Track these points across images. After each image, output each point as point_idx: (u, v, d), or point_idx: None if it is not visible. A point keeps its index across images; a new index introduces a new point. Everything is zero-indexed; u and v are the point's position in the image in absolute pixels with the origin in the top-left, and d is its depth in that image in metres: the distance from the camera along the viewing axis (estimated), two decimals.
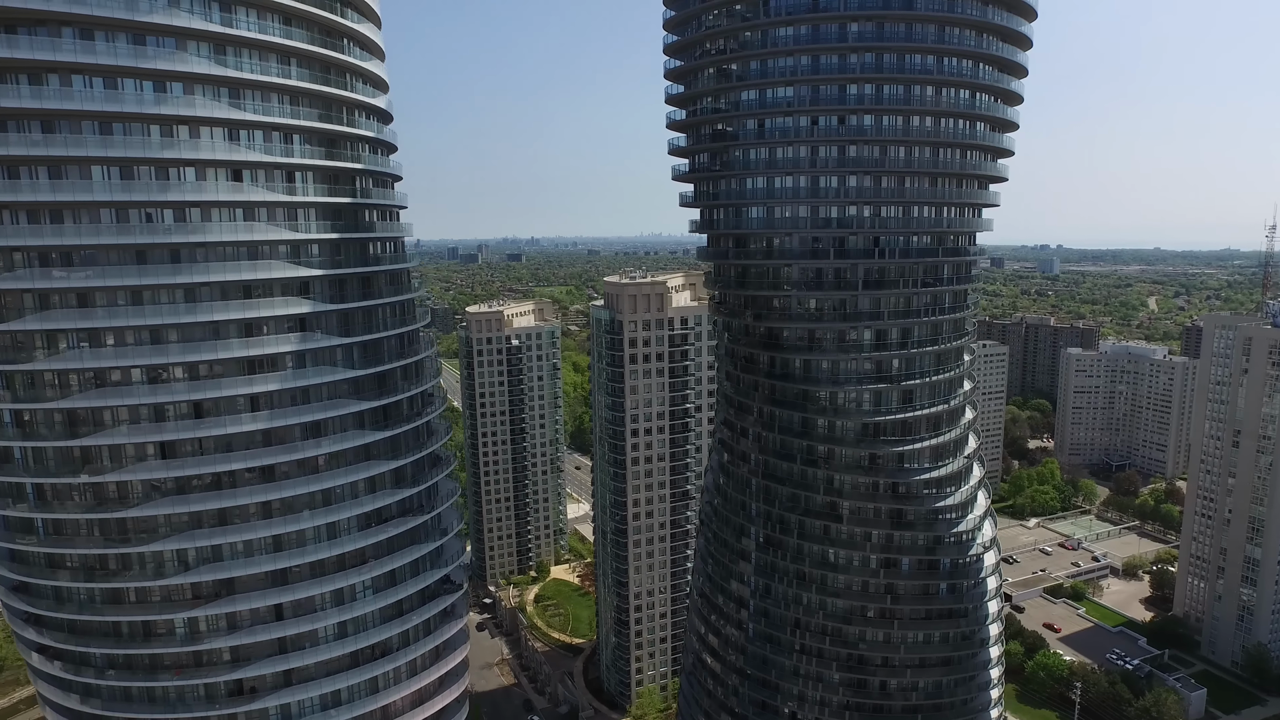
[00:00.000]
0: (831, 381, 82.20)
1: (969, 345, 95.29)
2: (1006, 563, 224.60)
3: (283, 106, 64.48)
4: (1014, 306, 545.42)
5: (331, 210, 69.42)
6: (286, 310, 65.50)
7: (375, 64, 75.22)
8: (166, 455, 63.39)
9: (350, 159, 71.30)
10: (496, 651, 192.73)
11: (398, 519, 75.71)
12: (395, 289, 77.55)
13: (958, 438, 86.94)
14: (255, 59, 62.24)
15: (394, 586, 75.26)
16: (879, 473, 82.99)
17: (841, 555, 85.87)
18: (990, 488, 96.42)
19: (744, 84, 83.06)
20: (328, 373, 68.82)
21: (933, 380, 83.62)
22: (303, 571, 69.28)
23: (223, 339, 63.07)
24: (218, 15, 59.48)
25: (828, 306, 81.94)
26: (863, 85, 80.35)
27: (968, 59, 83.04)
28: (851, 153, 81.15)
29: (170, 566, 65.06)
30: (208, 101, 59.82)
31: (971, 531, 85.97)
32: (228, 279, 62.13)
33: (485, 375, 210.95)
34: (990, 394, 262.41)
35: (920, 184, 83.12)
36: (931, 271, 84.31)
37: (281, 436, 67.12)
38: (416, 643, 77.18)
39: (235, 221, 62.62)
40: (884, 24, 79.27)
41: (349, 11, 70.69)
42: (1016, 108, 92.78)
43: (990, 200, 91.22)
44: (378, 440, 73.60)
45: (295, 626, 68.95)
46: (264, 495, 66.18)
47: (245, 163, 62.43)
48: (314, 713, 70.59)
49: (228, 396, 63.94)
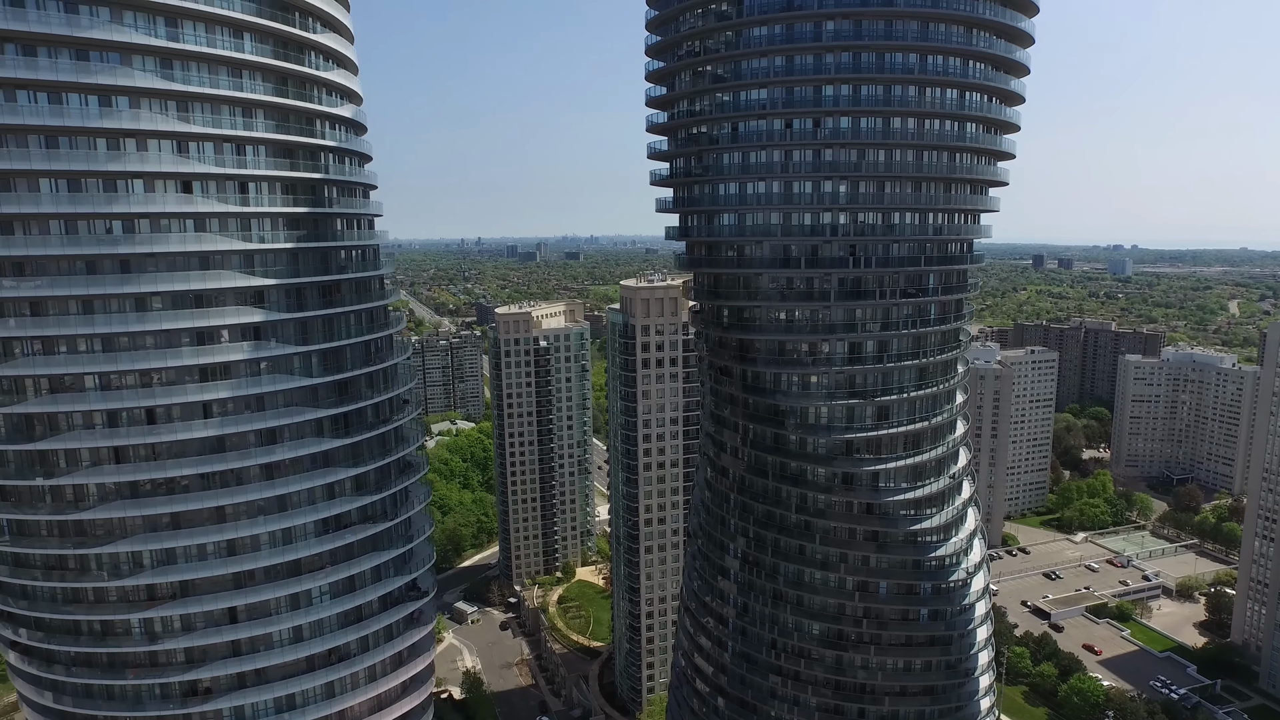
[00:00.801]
0: (802, 396, 79.17)
1: (963, 357, 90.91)
2: (1048, 579, 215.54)
3: (235, 118, 65.27)
4: (1079, 309, 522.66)
5: (289, 220, 70.16)
6: (238, 319, 66.28)
7: (341, 74, 75.72)
8: (120, 460, 64.94)
9: (311, 169, 71.95)
10: (518, 651, 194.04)
11: (358, 525, 76.16)
12: (361, 297, 77.94)
13: (942, 455, 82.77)
14: (205, 72, 63.15)
15: (353, 592, 75.73)
16: (852, 492, 79.62)
17: (817, 576, 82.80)
18: (980, 505, 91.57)
19: (718, 86, 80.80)
20: (282, 380, 69.52)
21: (913, 395, 79.74)
22: (257, 575, 70.21)
23: (174, 347, 64.24)
24: (163, 30, 60.55)
25: (799, 318, 78.95)
26: (839, 86, 77.15)
27: (955, 56, 78.90)
28: (827, 157, 78.05)
29: (125, 568, 66.71)
30: (154, 115, 60.95)
31: (955, 555, 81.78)
32: (176, 289, 63.22)
33: (512, 376, 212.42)
34: (1038, 402, 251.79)
35: (902, 189, 79.37)
36: (915, 281, 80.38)
37: (235, 443, 68.05)
38: (376, 648, 77.54)
39: (185, 232, 63.70)
40: (862, 21, 75.94)
41: (310, 23, 71.18)
42: (1016, 108, 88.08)
43: (985, 205, 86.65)
44: (338, 447, 74.14)
45: (249, 629, 69.93)
46: (215, 500, 67.24)
47: (194, 174, 63.43)
48: (269, 715, 71.54)
49: (180, 403, 65.15)
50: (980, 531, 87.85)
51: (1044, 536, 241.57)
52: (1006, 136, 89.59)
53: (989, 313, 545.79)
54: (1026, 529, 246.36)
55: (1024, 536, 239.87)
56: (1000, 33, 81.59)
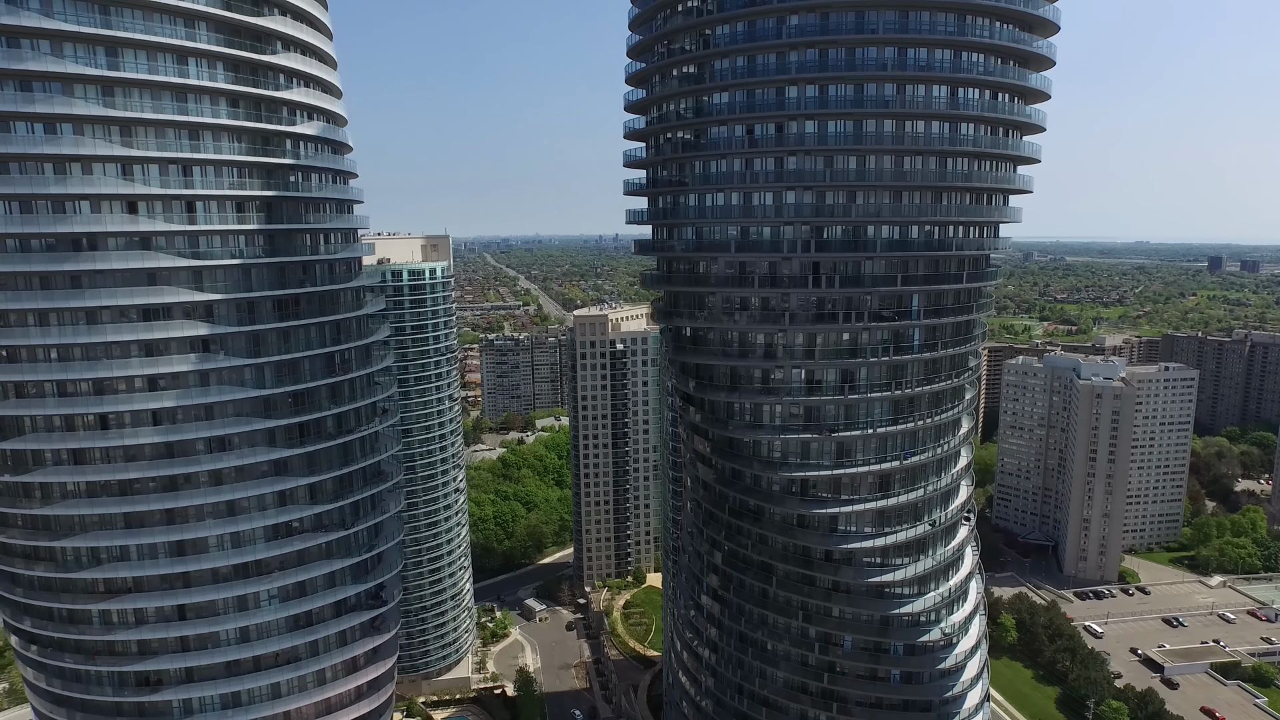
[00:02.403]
0: (754, 427, 73.04)
1: (970, 383, 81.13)
2: (1168, 625, 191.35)
3: (180, 140, 68.23)
4: (1260, 319, 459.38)
5: (242, 236, 72.59)
6: (183, 333, 69.41)
7: (305, 92, 77.44)
8: (79, 461, 69.75)
9: (265, 186, 74.05)
10: (578, 653, 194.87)
11: (311, 532, 78.08)
12: (325, 309, 79.64)
13: (920, 499, 73.97)
14: (148, 97, 66.32)
15: (303, 597, 77.80)
16: (807, 536, 72.62)
17: (780, 622, 76.45)
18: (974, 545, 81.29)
19: (684, 91, 76.10)
20: (230, 391, 72.23)
21: (881, 432, 71.63)
22: (205, 576, 73.49)
23: (123, 358, 68.19)
24: (104, 59, 64.11)
25: (754, 342, 72.85)
26: (803, 87, 70.53)
27: (944, 49, 70.32)
28: (790, 165, 71.61)
29: (84, 561, 71.59)
30: (96, 140, 64.69)
31: (932, 612, 72.99)
32: (121, 303, 66.96)
33: (588, 379, 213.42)
34: (1172, 424, 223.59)
35: (878, 199, 71.55)
36: (891, 302, 72.25)
37: (183, 449, 71.46)
38: (327, 653, 79.34)
39: (131, 250, 67.25)
40: (829, 14, 68.94)
41: (270, 45, 73.29)
42: (1038, 105, 77.59)
43: (996, 216, 76.90)
44: (293, 455, 76.28)
45: (195, 627, 73.42)
46: (162, 503, 70.93)
47: (138, 195, 66.91)
48: (214, 710, 74.85)
49: (130, 410, 69.13)
50: (977, 578, 78.05)
51: (1171, 576, 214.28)
52: (1024, 137, 79.32)
53: (1145, 320, 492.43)
54: (1151, 565, 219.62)
55: (1146, 574, 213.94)
56: (1005, 18, 71.81)
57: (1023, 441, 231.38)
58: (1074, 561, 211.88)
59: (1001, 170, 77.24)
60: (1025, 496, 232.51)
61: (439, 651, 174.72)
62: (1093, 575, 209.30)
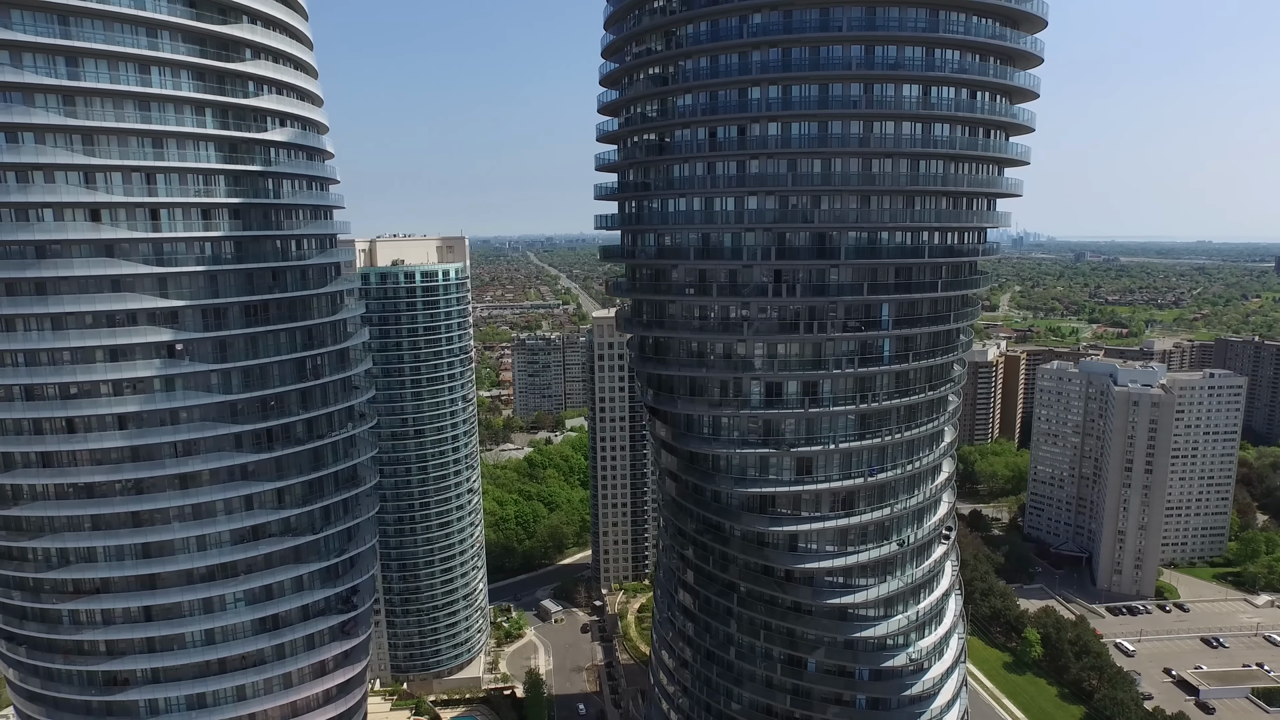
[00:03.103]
0: (713, 441, 70.77)
1: (954, 393, 77.69)
2: (1207, 645, 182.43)
3: (143, 148, 69.01)
4: None
5: (208, 244, 73.18)
6: (145, 339, 70.27)
7: (276, 99, 77.70)
8: (47, 464, 71.19)
9: (234, 193, 74.56)
10: (591, 656, 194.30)
11: (278, 536, 78.52)
12: (297, 315, 79.97)
13: (887, 518, 70.76)
14: (109, 106, 67.21)
15: (270, 600, 78.29)
16: (768, 554, 70.12)
17: (745, 641, 74.13)
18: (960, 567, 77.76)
19: (651, 92, 74.29)
20: (194, 396, 72.93)
21: (845, 447, 68.75)
22: (170, 578, 74.45)
23: (87, 363, 69.33)
24: (64, 69, 65.09)
25: (713, 352, 70.62)
26: (766, 88, 68.07)
27: (916, 46, 67.14)
28: (753, 169, 69.23)
29: (53, 561, 73.08)
30: (57, 150, 65.77)
31: (900, 635, 69.87)
32: (83, 309, 68.07)
33: (606, 380, 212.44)
34: (1217, 433, 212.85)
35: (843, 203, 68.75)
36: (858, 312, 69.32)
37: (148, 453, 72.40)
38: (294, 656, 79.77)
39: (94, 257, 68.26)
40: (792, 12, 66.35)
41: (237, 55, 73.68)
42: (1024, 105, 73.94)
43: (977, 221, 73.26)
44: (261, 460, 76.83)
45: (161, 628, 74.43)
46: (127, 506, 72.00)
47: (102, 203, 67.85)
48: (179, 710, 75.83)
49: (95, 415, 70.27)
50: (956, 596, 74.68)
51: (1214, 593, 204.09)
52: (1017, 139, 75.65)
53: (1202, 324, 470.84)
54: (1192, 581, 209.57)
55: (1186, 589, 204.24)
56: (984, 13, 68.32)
57: (1057, 449, 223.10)
58: (1108, 575, 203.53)
59: (984, 173, 73.65)
60: (1059, 506, 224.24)
61: (450, 651, 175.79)
62: (1128, 590, 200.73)
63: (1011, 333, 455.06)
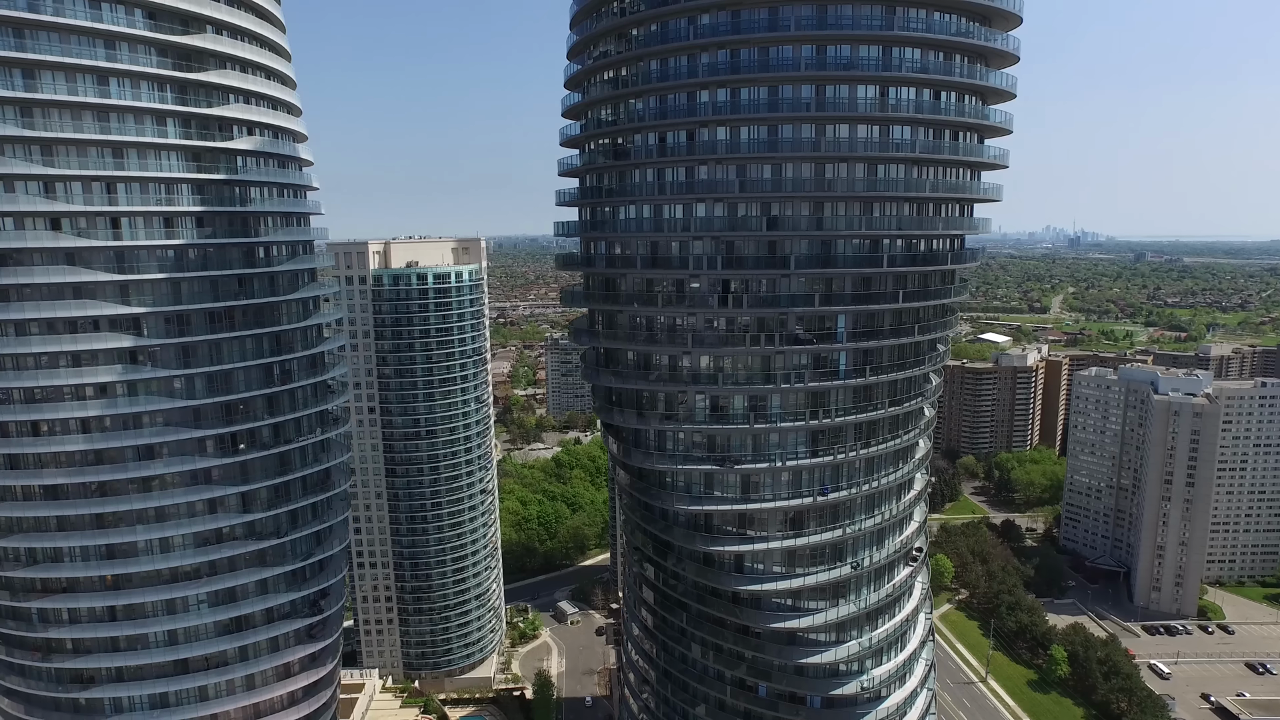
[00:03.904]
0: (658, 456, 68.72)
1: (929, 405, 74.26)
2: (1252, 671, 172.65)
3: (103, 158, 70.36)
4: None
5: (170, 251, 74.28)
6: (108, 344, 71.73)
7: (243, 108, 78.44)
8: (15, 466, 73.27)
9: (200, 202, 75.50)
10: (605, 659, 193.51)
11: (241, 540, 79.46)
12: (265, 321, 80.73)
13: (841, 540, 67.75)
14: (68, 117, 68.66)
15: (233, 603, 79.31)
16: (713, 575, 67.86)
17: (697, 664, 72.10)
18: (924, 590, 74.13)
19: (607, 96, 72.68)
20: (155, 401, 74.21)
21: (794, 465, 66.03)
22: (133, 579, 75.94)
23: (50, 368, 71.11)
24: (21, 81, 66.68)
25: (658, 364, 68.61)
26: (714, 91, 65.79)
27: (871, 44, 64.04)
28: (701, 175, 67.04)
29: (22, 560, 75.19)
30: (15, 160, 67.42)
31: (854, 661, 66.92)
32: (44, 316, 69.77)
33: None
34: (1268, 446, 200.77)
35: (795, 210, 65.99)
36: (812, 324, 66.53)
37: (112, 456, 73.91)
38: (257, 658, 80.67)
39: (54, 265, 69.91)
40: (740, 11, 63.97)
41: (201, 65, 74.62)
42: (999, 105, 70.24)
43: (932, 228, 69.43)
44: (225, 464, 77.85)
45: (125, 628, 76.02)
46: (90, 508, 73.63)
47: (61, 212, 69.42)
48: (142, 710, 77.33)
49: (60, 418, 72.05)
50: (924, 620, 71.35)
51: (1263, 614, 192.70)
52: (991, 141, 71.93)
53: (1270, 327, 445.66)
54: (1239, 601, 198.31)
55: (1233, 610, 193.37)
56: (949, 9, 64.91)
57: (1094, 459, 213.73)
58: (1146, 591, 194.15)
59: (953, 176, 70.01)
60: (1096, 518, 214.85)
61: (461, 650, 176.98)
62: (1167, 608, 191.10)
63: (1061, 335, 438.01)
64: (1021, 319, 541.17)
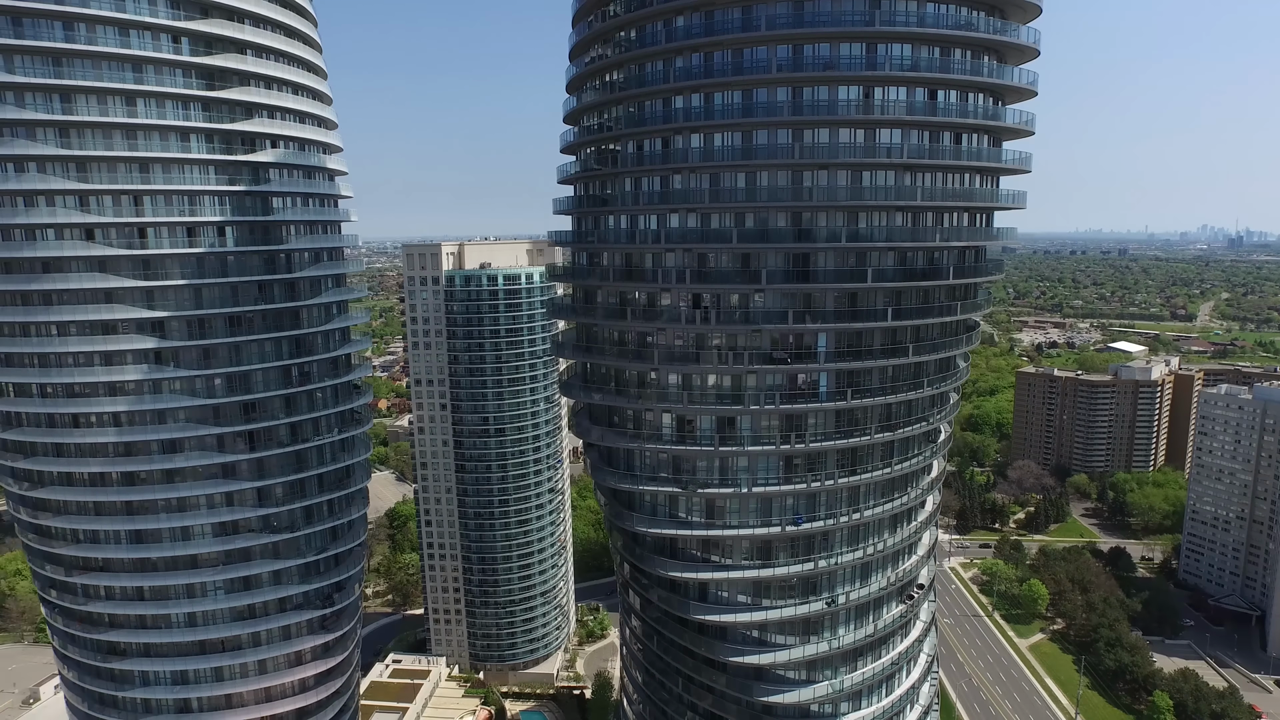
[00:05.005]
0: (625, 475, 66.43)
1: (943, 424, 68.56)
2: None
3: (130, 173, 75.83)
4: None
5: (192, 259, 79.26)
6: (134, 345, 77.46)
7: (268, 123, 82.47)
8: (60, 454, 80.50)
9: (231, 211, 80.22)
10: None
11: (256, 532, 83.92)
12: (285, 325, 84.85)
13: (814, 573, 63.17)
14: (99, 136, 74.46)
15: (247, 591, 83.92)
16: (676, 602, 64.99)
17: (672, 690, 69.53)
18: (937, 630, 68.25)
19: (597, 103, 70.94)
20: (176, 399, 79.49)
21: (761, 492, 62.15)
22: (158, 563, 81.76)
23: (86, 366, 77.58)
24: (59, 105, 72.90)
25: (627, 380, 66.35)
26: (688, 96, 63.03)
27: (854, 42, 59.37)
28: (676, 184, 64.39)
29: (67, 539, 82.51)
30: (53, 178, 73.81)
31: (826, 703, 62.46)
32: (79, 318, 76.13)
33: None
34: None
35: (772, 221, 62.11)
36: (787, 342, 62.45)
37: (140, 449, 79.85)
38: (269, 645, 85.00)
39: (89, 272, 76.06)
40: (713, 12, 60.90)
41: (225, 84, 79.10)
42: (1015, 105, 63.91)
43: (928, 239, 63.53)
44: (243, 460, 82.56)
45: (150, 608, 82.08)
46: (120, 495, 79.87)
47: (95, 223, 75.44)
48: (164, 684, 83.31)
49: (95, 412, 78.56)
50: (921, 662, 65.99)
51: None
52: (1010, 145, 65.64)
53: None
54: None
55: None
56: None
57: (1222, 486, 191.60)
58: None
59: (956, 182, 63.92)
60: (1222, 552, 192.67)
61: (526, 645, 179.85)
62: None
63: (1207, 346, 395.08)
64: (1161, 327, 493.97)
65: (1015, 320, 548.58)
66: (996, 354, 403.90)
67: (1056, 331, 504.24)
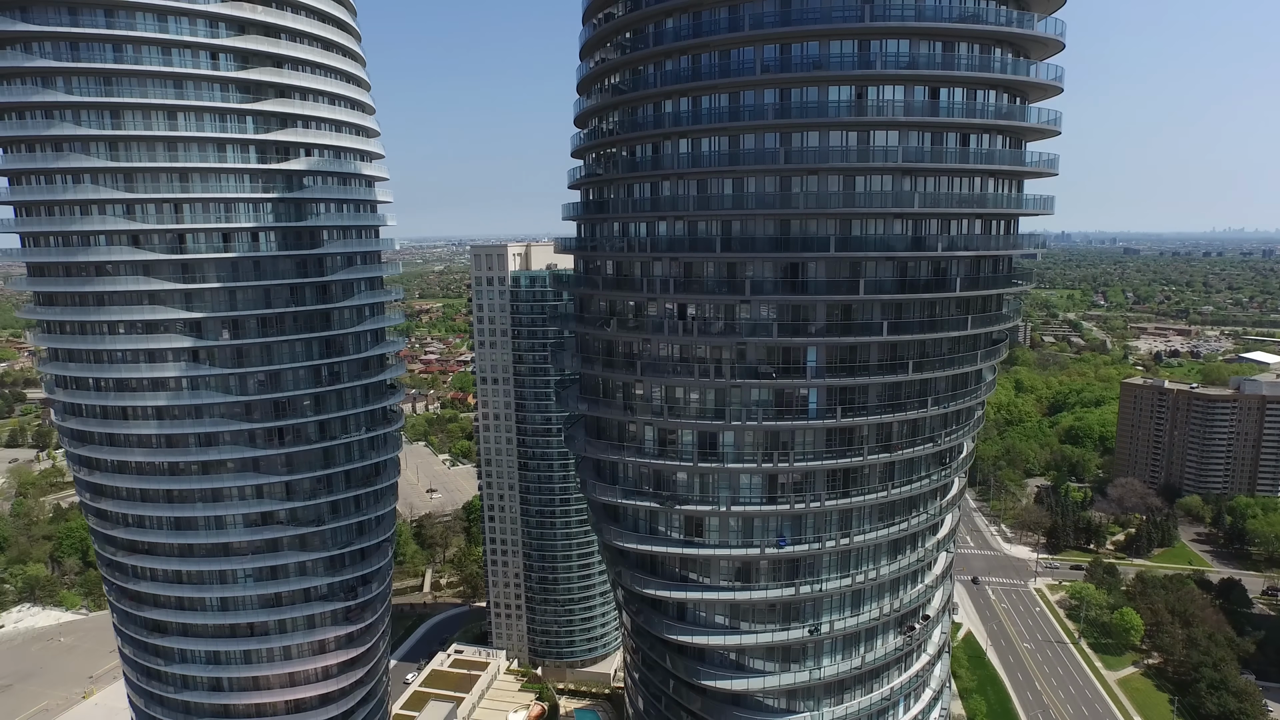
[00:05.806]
0: (609, 488, 64.84)
1: (964, 443, 64.19)
2: None
3: (171, 183, 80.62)
4: None
5: (227, 263, 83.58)
6: (172, 344, 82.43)
7: (303, 133, 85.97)
8: (112, 443, 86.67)
9: (268, 217, 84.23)
10: None
11: (284, 524, 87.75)
12: (317, 326, 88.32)
13: (795, 599, 59.74)
14: (143, 148, 79.51)
15: (274, 580, 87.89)
16: (655, 621, 62.98)
17: (660, 711, 67.74)
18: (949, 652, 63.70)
19: (600, 107, 69.85)
20: (209, 395, 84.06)
21: (743, 511, 59.33)
22: (195, 549, 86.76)
23: (132, 363, 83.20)
24: (109, 122, 78.33)
25: (613, 391, 64.81)
26: (677, 100, 61.10)
27: (847, 39, 55.93)
28: (664, 191, 62.56)
29: (120, 522, 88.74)
30: (102, 188, 79.39)
31: None
32: (125, 318, 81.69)
33: None
34: None
35: (759, 229, 59.32)
36: (775, 356, 59.52)
37: (179, 442, 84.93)
38: (294, 633, 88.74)
39: (134, 275, 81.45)
40: (700, 13, 58.78)
41: (261, 96, 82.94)
42: (1040, 103, 59.30)
43: (929, 249, 58.96)
44: (273, 455, 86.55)
45: (187, 591, 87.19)
46: (162, 484, 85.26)
47: (139, 230, 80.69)
48: (200, 663, 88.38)
49: (140, 405, 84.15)
50: (928, 696, 61.94)
51: None
52: (1036, 146, 60.84)
53: None
54: None
55: None
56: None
57: None
58: None
59: (965, 187, 59.17)
60: None
61: (584, 644, 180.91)
62: None
63: None
64: None
65: (1133, 326, 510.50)
66: (1107, 362, 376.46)
67: (1180, 339, 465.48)
